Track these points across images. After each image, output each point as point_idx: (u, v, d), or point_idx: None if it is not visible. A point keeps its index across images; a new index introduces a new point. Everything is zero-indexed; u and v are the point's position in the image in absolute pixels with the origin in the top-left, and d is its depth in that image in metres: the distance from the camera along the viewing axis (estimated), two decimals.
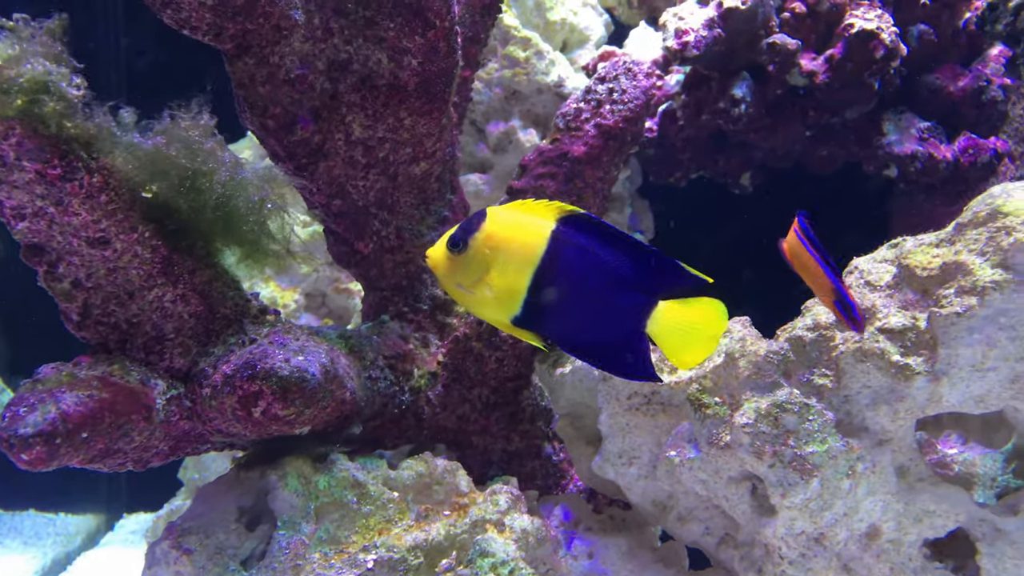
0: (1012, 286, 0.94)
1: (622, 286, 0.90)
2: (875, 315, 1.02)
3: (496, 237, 0.88)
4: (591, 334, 0.92)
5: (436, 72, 1.24)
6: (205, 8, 1.11)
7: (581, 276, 0.91)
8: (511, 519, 1.16)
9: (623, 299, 0.90)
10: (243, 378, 1.01)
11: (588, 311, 0.91)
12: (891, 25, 1.75)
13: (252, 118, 1.23)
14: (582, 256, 0.90)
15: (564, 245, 0.90)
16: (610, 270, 0.90)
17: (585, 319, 0.92)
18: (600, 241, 0.90)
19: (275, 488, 1.09)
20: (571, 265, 0.90)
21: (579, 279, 0.91)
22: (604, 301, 0.91)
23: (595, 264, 0.90)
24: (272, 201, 1.11)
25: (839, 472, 0.96)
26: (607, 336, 0.91)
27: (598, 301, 0.91)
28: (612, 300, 0.91)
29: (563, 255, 0.90)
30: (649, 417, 1.12)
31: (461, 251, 0.88)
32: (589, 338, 0.92)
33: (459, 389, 1.38)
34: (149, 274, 1.03)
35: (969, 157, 1.92)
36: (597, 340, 0.92)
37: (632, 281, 0.90)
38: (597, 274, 0.90)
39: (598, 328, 0.91)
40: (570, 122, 1.57)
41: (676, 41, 1.75)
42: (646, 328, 0.89)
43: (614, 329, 0.91)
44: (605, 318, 0.91)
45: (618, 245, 0.90)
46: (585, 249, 0.90)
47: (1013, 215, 0.97)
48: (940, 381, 0.97)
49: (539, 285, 0.90)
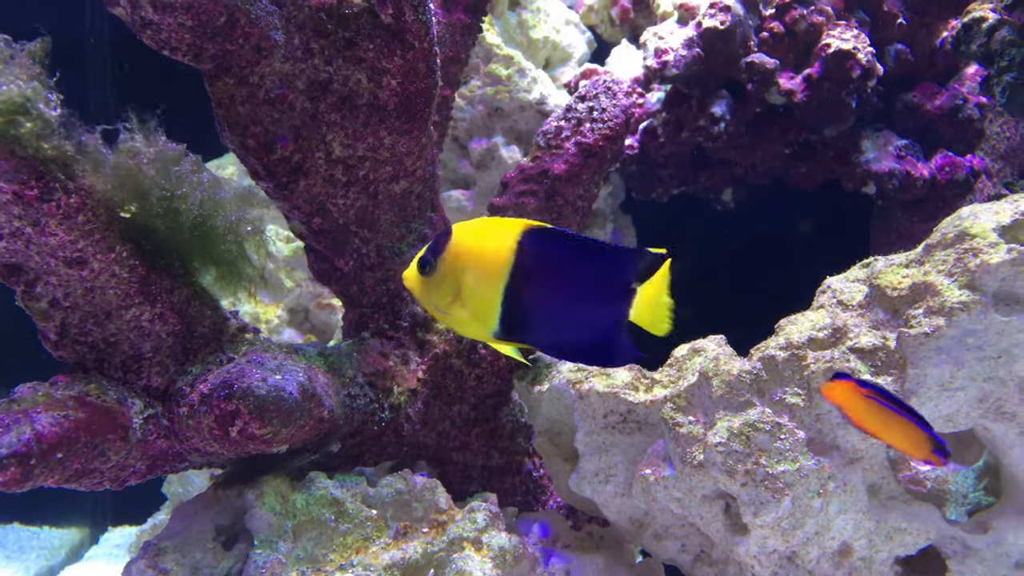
0: (979, 307, 0.96)
1: (593, 283, 0.92)
2: (847, 334, 1.03)
3: (463, 255, 0.89)
4: (572, 334, 0.93)
5: (415, 92, 1.25)
6: (185, 29, 1.12)
7: (552, 280, 0.92)
8: (488, 537, 1.16)
9: (597, 295, 0.92)
10: (220, 397, 1.01)
11: (565, 313, 0.93)
12: (867, 45, 1.78)
13: (232, 137, 1.24)
14: (549, 261, 0.92)
15: (530, 254, 0.91)
16: (579, 269, 0.92)
17: (564, 321, 0.93)
18: (564, 245, 0.92)
19: (252, 507, 1.09)
20: (540, 271, 0.92)
21: (551, 284, 0.92)
22: (579, 301, 0.92)
23: (564, 266, 0.92)
24: (251, 224, 1.11)
25: (810, 491, 0.97)
26: (588, 334, 0.93)
27: (574, 302, 0.92)
28: (587, 298, 0.92)
29: (531, 263, 0.91)
30: (625, 435, 1.13)
31: (431, 272, 0.89)
32: (571, 339, 0.93)
33: (439, 406, 1.39)
34: (127, 294, 1.03)
35: (946, 175, 1.95)
36: (579, 339, 0.93)
37: (602, 276, 0.92)
38: (567, 276, 0.92)
39: (578, 328, 0.93)
40: (551, 140, 1.58)
41: (656, 60, 1.77)
42: (629, 316, 0.91)
43: (594, 325, 0.92)
44: (583, 316, 0.92)
45: (582, 245, 0.92)
46: (551, 254, 0.92)
47: (980, 237, 0.99)
48: (909, 400, 0.98)
49: (512, 296, 0.91)
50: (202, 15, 1.11)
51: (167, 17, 1.10)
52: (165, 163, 0.99)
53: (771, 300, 2.53)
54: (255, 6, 1.17)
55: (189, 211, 1.03)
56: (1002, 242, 0.97)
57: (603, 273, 0.92)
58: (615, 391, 1.11)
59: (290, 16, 1.22)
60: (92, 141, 0.98)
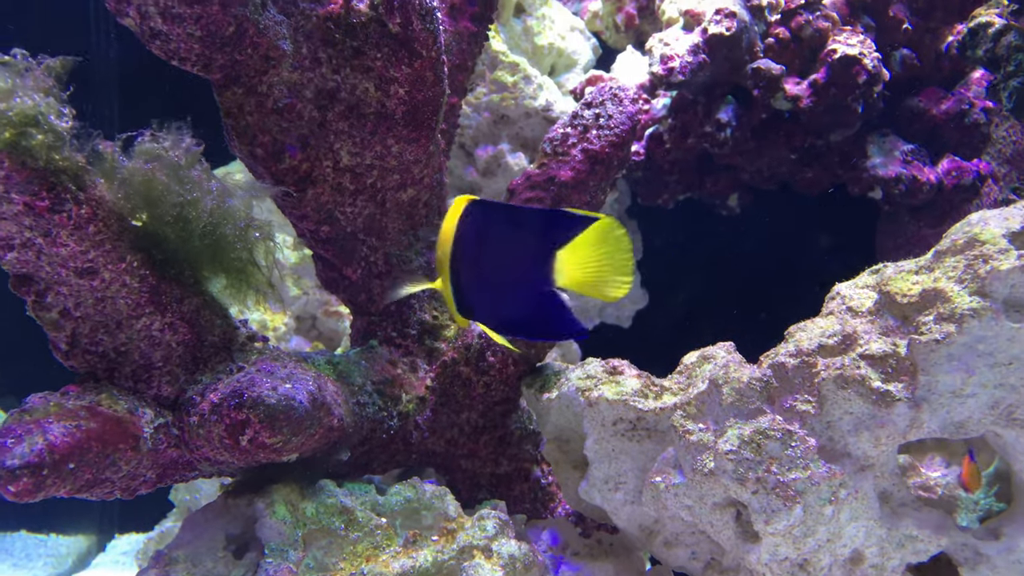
0: (990, 314, 0.96)
1: (519, 251, 0.92)
2: (856, 341, 1.03)
3: (440, 239, 0.92)
4: (509, 308, 0.93)
5: (423, 101, 1.26)
6: (194, 40, 1.12)
7: (482, 252, 0.92)
8: (498, 544, 1.16)
9: (523, 264, 0.91)
10: (230, 407, 1.02)
11: (498, 285, 0.93)
12: (873, 51, 1.78)
13: (240, 147, 1.24)
14: (480, 232, 0.92)
15: (466, 227, 0.91)
16: (506, 238, 0.92)
17: (499, 294, 0.93)
18: (497, 214, 0.92)
19: (262, 516, 1.09)
20: (472, 244, 0.92)
21: (481, 255, 0.92)
22: (507, 270, 0.92)
23: (492, 236, 0.92)
24: (260, 230, 1.12)
25: (822, 498, 0.97)
26: (523, 306, 0.93)
27: (503, 272, 0.92)
28: (514, 267, 0.92)
29: (466, 237, 0.91)
30: (635, 443, 1.13)
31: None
32: (508, 312, 0.94)
33: (447, 413, 1.39)
34: (137, 303, 1.04)
35: (952, 179, 1.95)
36: (515, 312, 0.93)
37: (526, 243, 0.91)
38: (495, 246, 0.93)
39: (513, 300, 0.93)
40: (557, 147, 1.58)
41: (662, 67, 1.77)
42: (555, 283, 0.90)
43: (528, 296, 0.92)
44: (515, 287, 0.93)
45: (513, 214, 0.92)
46: (483, 225, 0.92)
47: (990, 243, 0.99)
48: (920, 407, 0.98)
49: (455, 271, 0.92)
50: (211, 26, 1.12)
51: (176, 28, 1.11)
52: (177, 168, 0.99)
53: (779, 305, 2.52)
54: (264, 16, 1.17)
55: (199, 219, 1.03)
56: (1012, 248, 0.97)
57: (527, 241, 0.91)
58: (624, 398, 1.11)
59: (298, 25, 1.22)
60: (108, 148, 0.99)
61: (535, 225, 0.91)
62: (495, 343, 1.33)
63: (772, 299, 2.37)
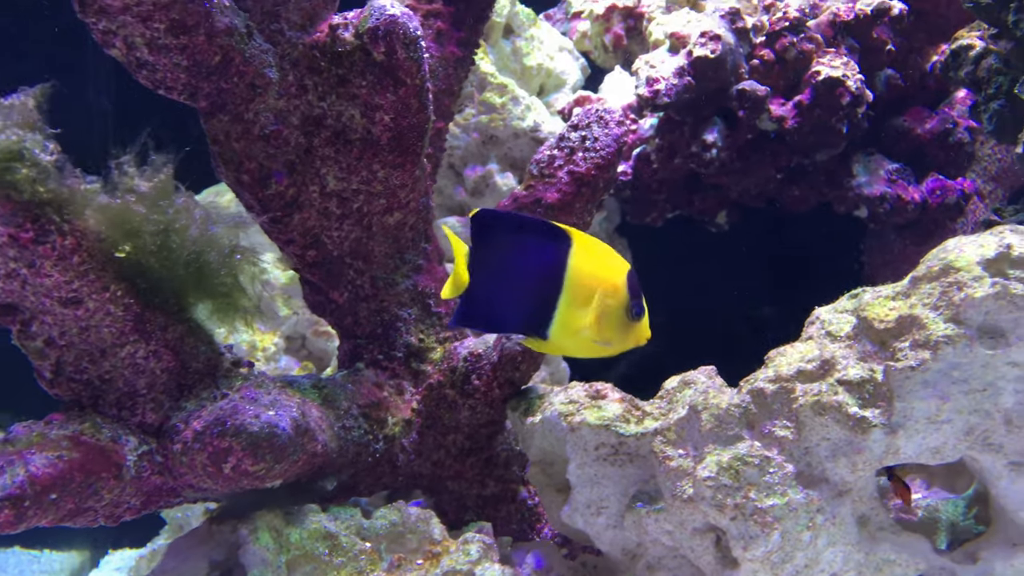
0: (964, 340, 0.97)
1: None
2: (835, 367, 1.04)
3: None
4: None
5: (408, 127, 1.27)
6: (180, 69, 1.14)
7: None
8: (482, 569, 1.17)
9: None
10: (213, 435, 1.02)
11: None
12: (856, 72, 1.80)
13: (227, 173, 1.26)
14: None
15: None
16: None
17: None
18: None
19: (246, 542, 1.10)
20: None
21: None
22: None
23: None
24: (244, 254, 1.13)
25: (799, 524, 0.98)
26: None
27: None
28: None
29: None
30: (617, 467, 1.13)
31: None
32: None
33: (433, 436, 1.40)
34: (121, 332, 1.05)
35: (937, 198, 1.97)
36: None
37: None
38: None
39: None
40: (544, 169, 1.60)
41: (647, 89, 1.79)
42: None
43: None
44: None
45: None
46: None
47: (964, 270, 1.00)
48: (896, 433, 0.99)
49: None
50: (197, 55, 1.13)
51: (162, 58, 1.12)
52: (155, 199, 1.00)
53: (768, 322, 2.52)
54: (250, 45, 1.19)
55: (183, 247, 1.04)
56: (986, 276, 0.98)
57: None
58: (606, 423, 1.12)
59: (284, 54, 1.24)
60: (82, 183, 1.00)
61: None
62: (481, 366, 1.34)
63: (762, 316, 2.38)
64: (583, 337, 1.03)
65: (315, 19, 1.24)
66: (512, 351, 1.30)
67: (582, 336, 1.03)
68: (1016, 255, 1.01)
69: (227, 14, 1.14)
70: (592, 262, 1.02)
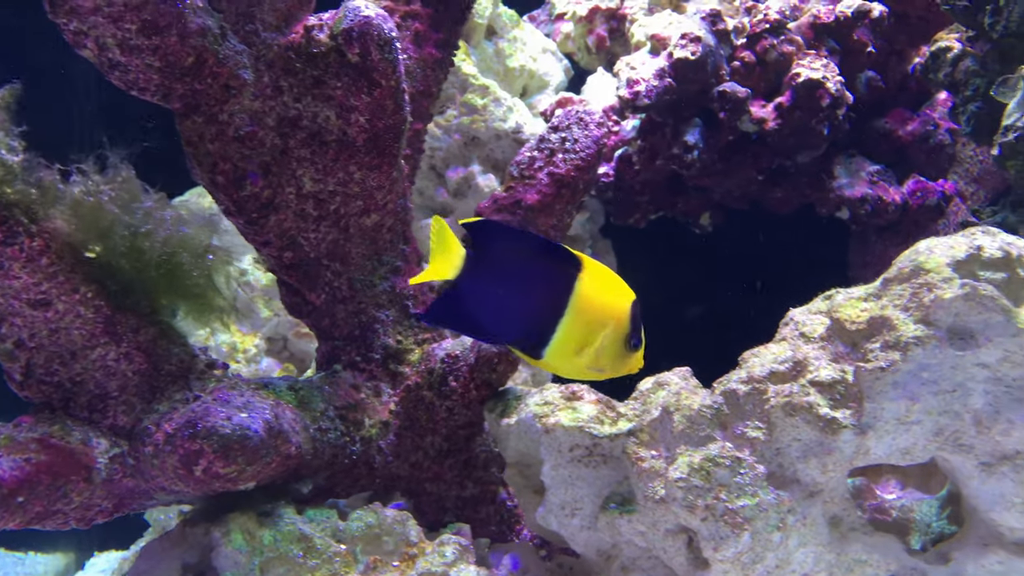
0: (934, 342, 0.97)
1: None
2: (807, 368, 1.04)
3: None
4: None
5: (384, 129, 1.27)
6: (152, 70, 1.13)
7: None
8: (457, 571, 1.17)
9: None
10: (184, 437, 1.02)
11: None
12: (836, 74, 1.80)
13: (202, 174, 1.25)
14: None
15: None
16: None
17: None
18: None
19: (218, 544, 1.10)
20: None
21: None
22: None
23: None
24: (216, 254, 1.13)
25: (770, 525, 0.98)
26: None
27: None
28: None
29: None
30: (591, 469, 1.13)
31: None
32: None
33: (411, 437, 1.39)
34: (92, 334, 1.04)
35: (917, 199, 1.97)
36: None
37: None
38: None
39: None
40: (524, 170, 1.60)
41: (628, 90, 1.79)
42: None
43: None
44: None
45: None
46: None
47: (934, 272, 1.00)
48: (867, 434, 0.99)
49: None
50: (170, 56, 1.13)
51: (135, 59, 1.12)
52: (126, 200, 1.00)
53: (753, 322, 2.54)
54: (223, 46, 1.19)
55: (154, 248, 1.04)
56: (956, 277, 0.99)
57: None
58: (580, 425, 1.12)
59: (259, 55, 1.24)
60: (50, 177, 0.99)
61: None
62: (458, 367, 1.34)
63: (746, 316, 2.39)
64: (578, 363, 1.03)
65: (290, 20, 1.24)
66: (489, 353, 1.30)
67: (577, 361, 1.03)
68: (987, 256, 1.01)
69: (200, 15, 1.14)
70: (599, 291, 1.02)
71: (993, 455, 1.00)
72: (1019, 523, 1.00)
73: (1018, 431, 0.97)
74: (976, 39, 1.56)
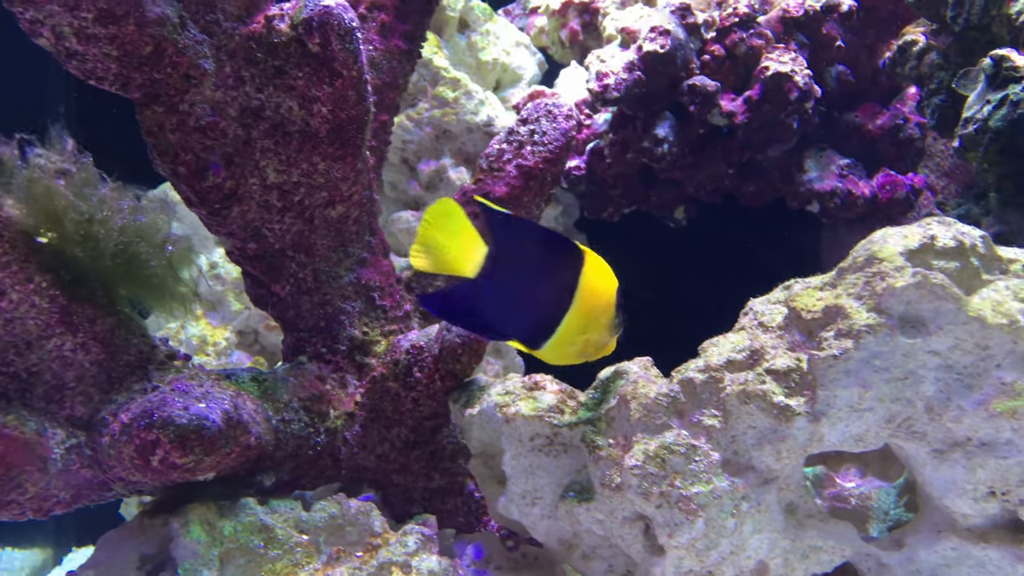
0: (885, 330, 0.98)
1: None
2: (764, 356, 1.05)
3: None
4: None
5: (346, 119, 1.27)
6: (110, 59, 1.13)
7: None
8: (418, 560, 1.17)
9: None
10: (140, 427, 1.02)
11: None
12: (805, 68, 1.81)
13: (163, 165, 1.25)
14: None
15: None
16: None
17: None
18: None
19: (177, 535, 1.09)
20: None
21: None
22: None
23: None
24: (175, 244, 1.12)
25: (724, 511, 0.99)
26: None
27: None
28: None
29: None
30: (552, 458, 1.14)
31: None
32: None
33: (377, 429, 1.39)
34: (47, 324, 1.04)
35: (886, 193, 1.99)
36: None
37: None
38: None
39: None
40: (493, 163, 1.60)
41: (597, 83, 1.80)
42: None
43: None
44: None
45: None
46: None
47: (887, 261, 1.01)
48: (820, 421, 1.00)
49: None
50: (127, 45, 1.13)
51: (92, 48, 1.11)
52: (81, 186, 0.99)
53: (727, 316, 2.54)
54: (183, 35, 1.18)
55: (109, 237, 1.04)
56: (908, 266, 1.00)
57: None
58: (540, 414, 1.12)
59: (221, 45, 1.23)
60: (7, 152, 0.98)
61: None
62: (423, 358, 1.34)
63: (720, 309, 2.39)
64: (570, 351, 1.04)
65: (251, 10, 1.23)
66: (452, 343, 1.30)
67: (570, 350, 1.03)
68: (940, 246, 1.02)
69: (159, 4, 1.13)
70: (598, 281, 1.02)
71: (945, 442, 1.01)
72: (971, 509, 1.01)
73: (969, 418, 0.98)
74: (939, 32, 1.57)
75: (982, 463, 0.99)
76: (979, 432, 0.98)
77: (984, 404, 0.97)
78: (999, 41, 1.43)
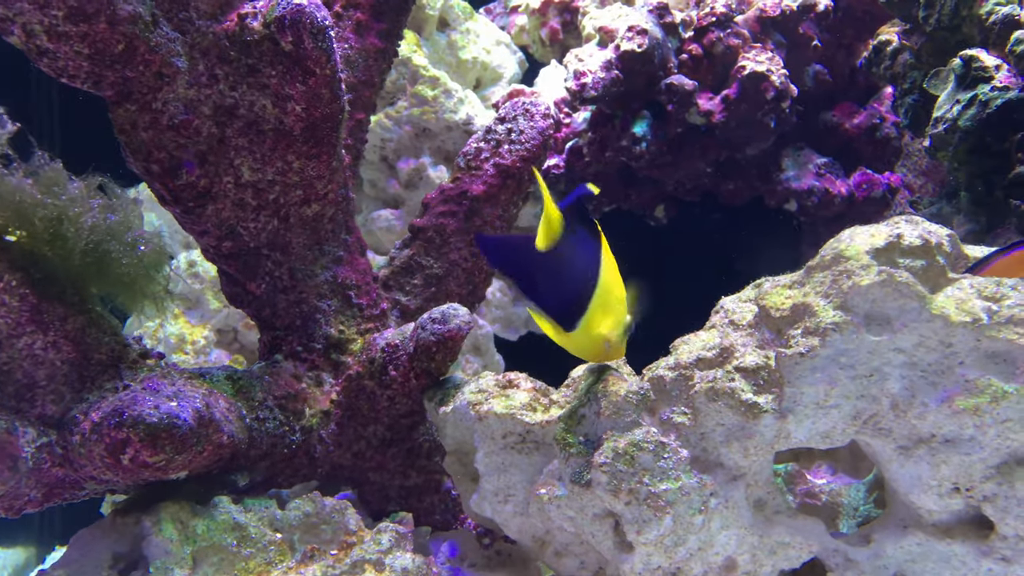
0: (851, 327, 0.99)
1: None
2: (733, 354, 1.06)
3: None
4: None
5: (321, 118, 1.27)
6: (82, 57, 1.13)
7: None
8: (392, 558, 1.17)
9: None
10: (110, 425, 1.02)
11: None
12: (781, 67, 1.82)
13: (136, 163, 1.25)
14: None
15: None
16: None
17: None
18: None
19: (149, 534, 1.09)
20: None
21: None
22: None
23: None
24: (147, 242, 1.12)
25: (692, 508, 1.00)
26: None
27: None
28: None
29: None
30: (524, 456, 1.14)
31: None
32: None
33: (353, 427, 1.40)
34: (17, 322, 1.03)
35: (863, 191, 2.00)
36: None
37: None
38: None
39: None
40: (470, 161, 1.60)
41: (575, 82, 1.80)
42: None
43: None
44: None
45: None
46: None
47: (854, 259, 1.02)
48: (787, 418, 1.01)
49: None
50: (99, 43, 1.12)
51: (63, 46, 1.11)
52: (50, 185, 0.99)
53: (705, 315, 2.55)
54: (155, 33, 1.18)
55: (79, 236, 1.03)
56: (874, 264, 1.01)
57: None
58: (512, 412, 1.13)
59: (194, 43, 1.23)
60: None
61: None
62: (398, 357, 1.34)
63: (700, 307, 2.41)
64: (598, 340, 1.03)
65: (225, 8, 1.23)
66: (427, 341, 1.30)
67: (598, 337, 1.03)
68: (906, 244, 1.03)
69: (131, 1, 1.13)
70: (613, 268, 1.05)
71: (910, 438, 1.02)
72: (936, 505, 1.03)
73: (933, 415, 0.99)
74: (912, 33, 1.59)
75: (946, 459, 1.00)
76: (943, 429, 0.99)
77: (948, 401, 0.98)
78: (970, 41, 1.45)
